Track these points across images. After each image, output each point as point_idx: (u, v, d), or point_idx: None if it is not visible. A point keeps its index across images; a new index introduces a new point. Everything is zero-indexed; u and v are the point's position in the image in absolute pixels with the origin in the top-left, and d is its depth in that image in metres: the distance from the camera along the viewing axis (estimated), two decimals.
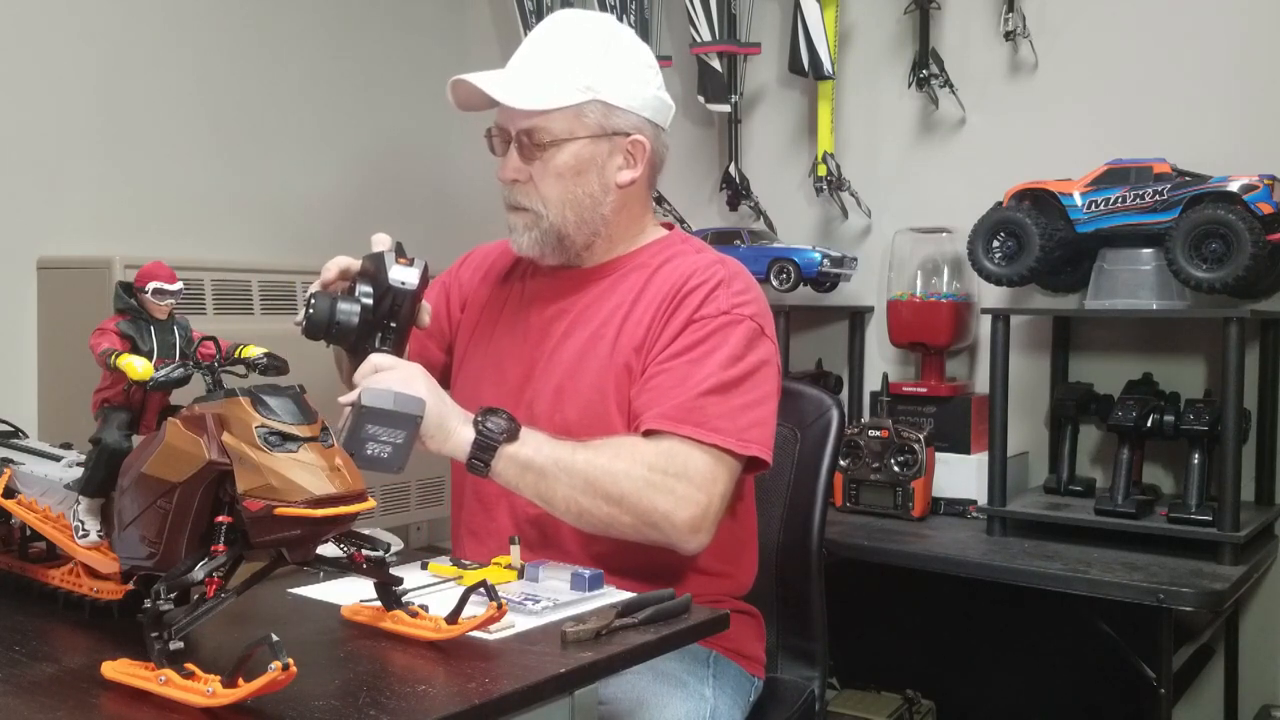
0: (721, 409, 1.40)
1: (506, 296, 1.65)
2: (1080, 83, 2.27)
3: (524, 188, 1.51)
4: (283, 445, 0.91)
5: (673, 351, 1.44)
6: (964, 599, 2.11)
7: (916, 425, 2.20)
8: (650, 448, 1.38)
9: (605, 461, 1.36)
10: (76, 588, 1.14)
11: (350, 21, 2.78)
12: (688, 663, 1.44)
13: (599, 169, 1.51)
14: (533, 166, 1.49)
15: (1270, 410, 2.06)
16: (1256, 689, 2.14)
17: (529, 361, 1.53)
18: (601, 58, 1.50)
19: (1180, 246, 1.84)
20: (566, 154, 1.49)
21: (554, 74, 1.48)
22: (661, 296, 1.49)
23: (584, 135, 1.49)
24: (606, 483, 1.35)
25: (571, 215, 1.51)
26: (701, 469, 1.38)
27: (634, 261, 1.57)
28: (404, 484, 2.57)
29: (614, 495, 1.35)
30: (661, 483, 1.36)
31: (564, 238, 1.53)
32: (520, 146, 1.49)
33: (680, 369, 1.42)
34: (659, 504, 1.35)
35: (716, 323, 1.45)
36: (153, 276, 1.08)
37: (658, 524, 1.36)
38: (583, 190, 1.51)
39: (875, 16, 2.50)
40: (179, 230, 2.39)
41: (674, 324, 1.46)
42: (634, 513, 1.35)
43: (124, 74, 2.31)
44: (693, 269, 1.50)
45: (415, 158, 2.94)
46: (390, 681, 0.98)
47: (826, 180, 2.45)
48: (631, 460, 1.36)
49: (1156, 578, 1.71)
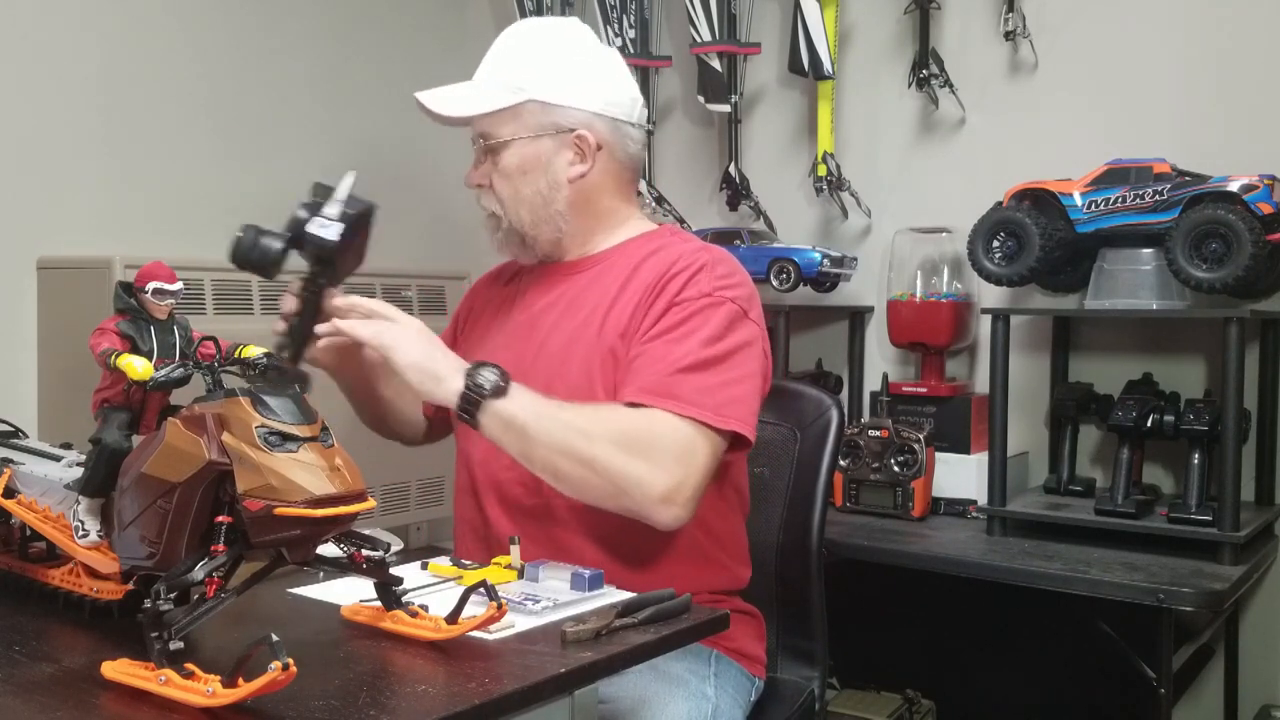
0: (699, 384, 1.39)
1: (501, 299, 1.68)
2: (1080, 83, 2.27)
3: (485, 193, 1.58)
4: (283, 445, 0.91)
5: (655, 333, 1.45)
6: (964, 599, 2.11)
7: (916, 425, 2.20)
8: (628, 415, 1.38)
9: (584, 424, 1.36)
10: (76, 588, 1.14)
11: (350, 21, 2.78)
12: (689, 662, 1.45)
13: (544, 166, 1.54)
14: (492, 172, 1.55)
15: (1270, 410, 2.06)
16: (1256, 689, 2.14)
17: (519, 354, 1.54)
18: (538, 59, 1.54)
19: (1180, 246, 1.84)
20: (511, 154, 1.54)
21: (490, 80, 1.55)
22: (647, 284, 1.50)
23: (525, 135, 1.53)
24: (581, 445, 1.34)
25: (526, 214, 1.55)
26: (680, 440, 1.37)
27: (619, 253, 1.58)
28: (404, 484, 2.57)
29: (586, 458, 1.34)
30: (636, 449, 1.35)
31: (524, 236, 1.57)
32: (479, 153, 1.57)
33: (660, 348, 1.43)
34: (631, 470, 1.34)
35: (698, 304, 1.45)
36: (153, 276, 1.09)
37: (628, 490, 1.35)
38: (531, 189, 1.55)
39: (875, 16, 2.50)
40: (179, 230, 2.38)
41: (657, 307, 1.47)
42: (605, 476, 1.34)
43: (125, 74, 2.31)
44: (677, 255, 1.52)
45: (415, 157, 2.94)
46: (390, 681, 0.98)
47: (826, 180, 2.45)
48: (609, 424, 1.37)
49: (1156, 578, 1.71)
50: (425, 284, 2.61)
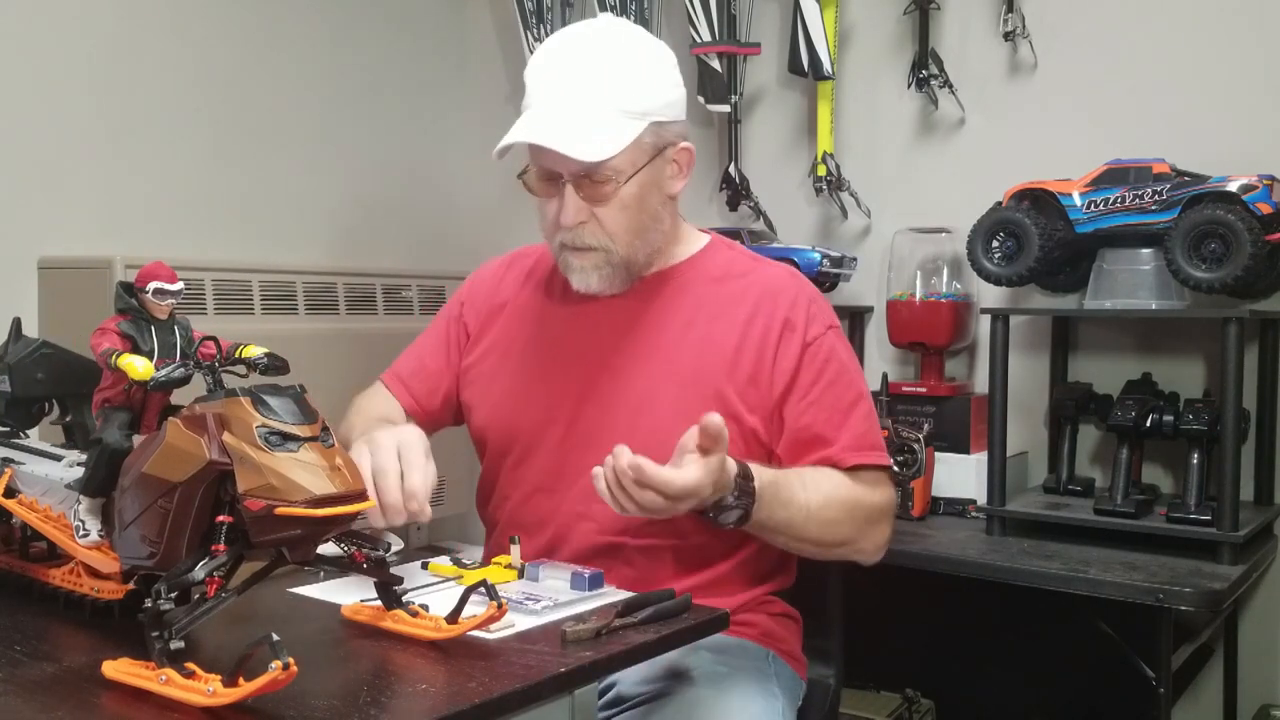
0: (875, 422, 1.52)
1: (543, 310, 1.59)
2: (1080, 83, 2.27)
3: (588, 228, 1.44)
4: (283, 445, 0.92)
5: (811, 381, 1.48)
6: (963, 599, 2.10)
7: (916, 425, 2.20)
8: (860, 491, 1.46)
9: (830, 515, 1.42)
10: (77, 587, 1.14)
11: (350, 22, 2.78)
12: (753, 660, 1.46)
13: (658, 187, 1.47)
14: (596, 205, 1.43)
15: (1269, 410, 2.06)
16: (1256, 688, 2.14)
17: (581, 387, 1.49)
18: (646, 77, 1.43)
19: (1179, 246, 1.84)
20: (633, 186, 1.43)
21: (609, 110, 1.39)
22: (750, 317, 1.49)
23: (644, 163, 1.43)
24: (830, 535, 1.44)
25: (639, 242, 1.47)
26: (891, 494, 1.51)
27: (688, 273, 1.54)
28: None
29: (835, 541, 1.46)
30: (873, 520, 1.48)
31: (632, 265, 1.49)
32: (579, 188, 1.42)
33: (830, 397, 1.48)
34: (871, 540, 1.49)
35: (827, 340, 1.50)
36: (153, 276, 1.09)
37: (862, 555, 1.51)
38: (647, 215, 1.46)
39: (875, 16, 2.50)
40: (179, 230, 2.39)
41: (790, 351, 1.48)
42: (847, 553, 1.49)
43: (125, 74, 2.31)
44: (774, 286, 1.52)
45: (415, 157, 2.94)
46: (390, 681, 0.98)
47: (826, 180, 2.45)
48: (848, 508, 1.45)
49: (1156, 577, 1.71)
50: (425, 284, 2.61)
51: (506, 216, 2.67)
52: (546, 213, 1.47)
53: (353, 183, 2.78)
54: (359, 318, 2.46)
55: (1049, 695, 2.27)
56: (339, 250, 2.69)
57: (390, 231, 2.85)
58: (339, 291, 2.44)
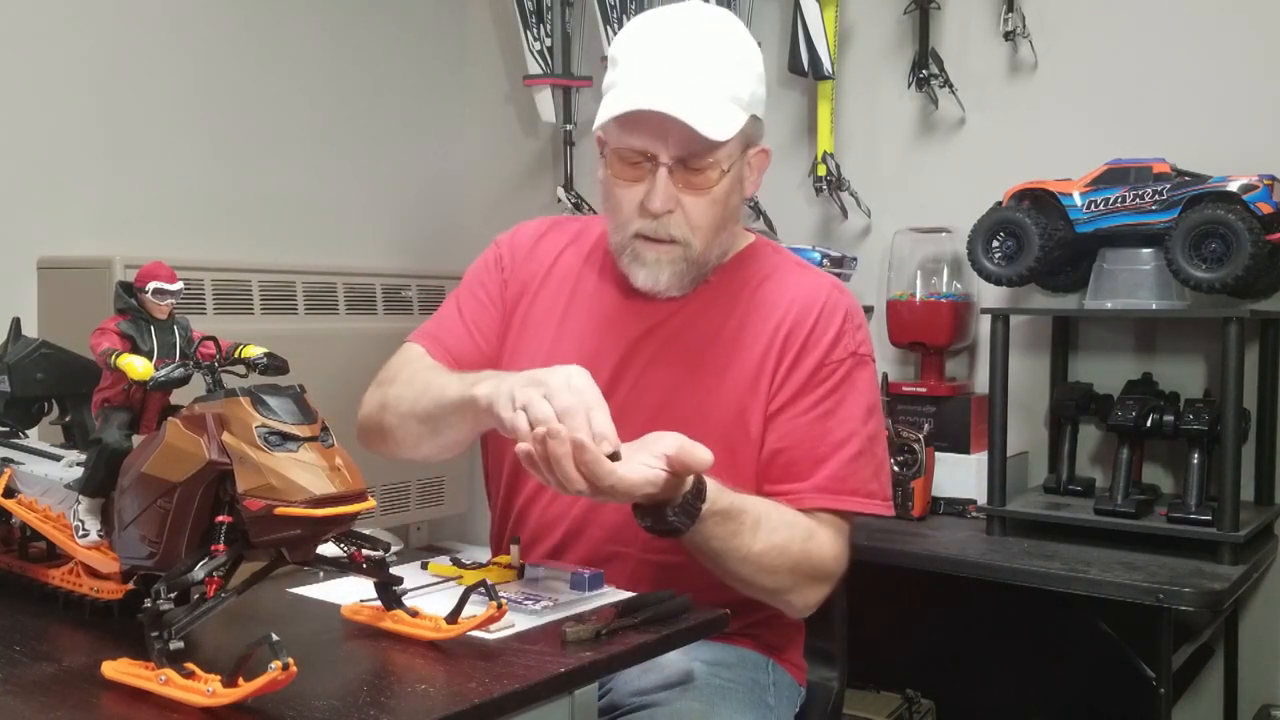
0: (866, 473, 1.38)
1: (602, 293, 1.49)
2: (1080, 82, 2.27)
3: (674, 218, 1.35)
4: (283, 445, 0.91)
5: (809, 404, 1.38)
6: (964, 599, 2.11)
7: (916, 425, 2.20)
8: (809, 543, 1.33)
9: (770, 561, 1.30)
10: (77, 587, 1.14)
11: (350, 21, 2.78)
12: (750, 670, 1.43)
13: (740, 186, 1.41)
14: (689, 194, 1.35)
15: (1270, 410, 2.06)
16: (1256, 689, 2.14)
17: (613, 372, 1.42)
18: (749, 68, 1.36)
19: (1180, 246, 1.84)
20: (728, 179, 1.36)
21: (722, 94, 1.31)
22: (778, 326, 1.40)
23: (737, 156, 1.37)
24: (765, 581, 1.32)
25: (715, 240, 1.40)
26: (845, 547, 1.38)
27: (730, 275, 1.46)
28: (404, 484, 2.57)
29: (768, 589, 1.34)
30: (814, 579, 1.35)
31: (703, 265, 1.41)
32: (673, 173, 1.33)
33: (819, 427, 1.37)
34: (806, 598, 1.36)
35: (846, 366, 1.40)
36: (153, 276, 1.08)
37: (792, 606, 1.38)
38: (730, 213, 1.40)
39: (875, 16, 2.50)
40: (179, 230, 2.39)
41: (805, 364, 1.39)
42: (776, 598, 1.36)
43: (124, 74, 2.32)
44: (811, 296, 1.42)
45: (415, 158, 2.94)
46: (390, 681, 0.98)
47: (826, 180, 2.45)
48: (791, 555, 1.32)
49: (1156, 577, 1.71)
50: (425, 284, 2.61)
51: (507, 216, 2.67)
52: (625, 198, 1.37)
53: (352, 183, 2.78)
54: (359, 318, 2.46)
55: (1049, 695, 2.27)
56: (339, 250, 2.69)
57: (390, 231, 2.85)
58: (339, 291, 2.45)
